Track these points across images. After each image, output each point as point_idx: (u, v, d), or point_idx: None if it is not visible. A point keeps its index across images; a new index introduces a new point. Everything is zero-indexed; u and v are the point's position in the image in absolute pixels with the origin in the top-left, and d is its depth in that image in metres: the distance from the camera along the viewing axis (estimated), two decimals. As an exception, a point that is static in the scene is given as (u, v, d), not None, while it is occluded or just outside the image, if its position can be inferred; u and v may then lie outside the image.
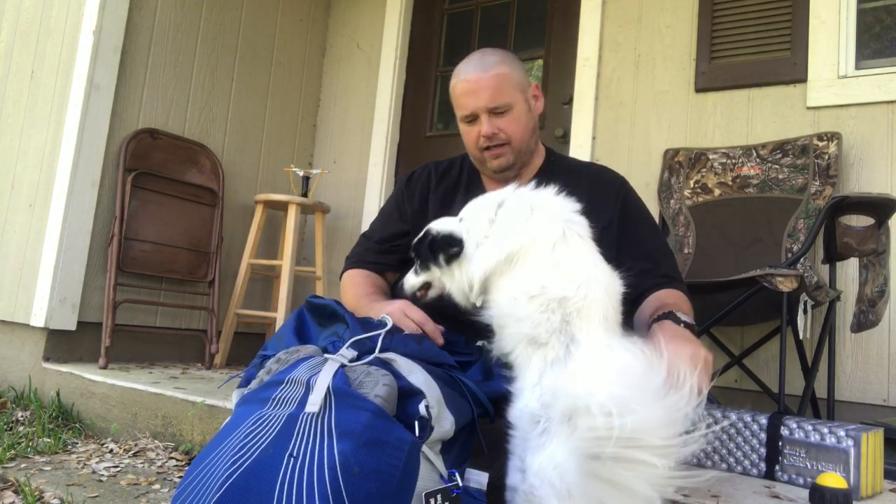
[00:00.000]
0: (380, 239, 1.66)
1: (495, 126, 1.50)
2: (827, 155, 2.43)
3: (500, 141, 1.51)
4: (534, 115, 1.58)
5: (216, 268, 3.20)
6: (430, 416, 0.98)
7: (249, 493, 0.84)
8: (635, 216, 1.57)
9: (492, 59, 1.52)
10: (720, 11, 2.82)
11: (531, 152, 1.61)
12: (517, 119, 1.51)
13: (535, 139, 1.61)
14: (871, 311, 2.02)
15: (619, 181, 1.62)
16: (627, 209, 1.56)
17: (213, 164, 3.27)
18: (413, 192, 1.66)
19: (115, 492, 1.69)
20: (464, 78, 1.52)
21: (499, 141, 1.51)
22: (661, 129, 2.90)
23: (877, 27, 2.61)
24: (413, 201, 1.63)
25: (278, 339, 1.23)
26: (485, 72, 1.49)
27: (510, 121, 1.51)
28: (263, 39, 3.60)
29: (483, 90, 1.49)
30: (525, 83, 1.56)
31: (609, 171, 1.66)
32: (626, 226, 1.53)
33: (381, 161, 3.60)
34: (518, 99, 1.52)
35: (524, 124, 1.53)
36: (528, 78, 1.58)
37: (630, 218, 1.55)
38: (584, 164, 1.75)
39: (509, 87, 1.50)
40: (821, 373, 2.24)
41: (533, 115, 1.57)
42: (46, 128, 2.95)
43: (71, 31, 2.95)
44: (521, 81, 1.54)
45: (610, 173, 1.65)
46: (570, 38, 3.22)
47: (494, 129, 1.50)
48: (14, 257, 2.93)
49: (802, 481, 1.61)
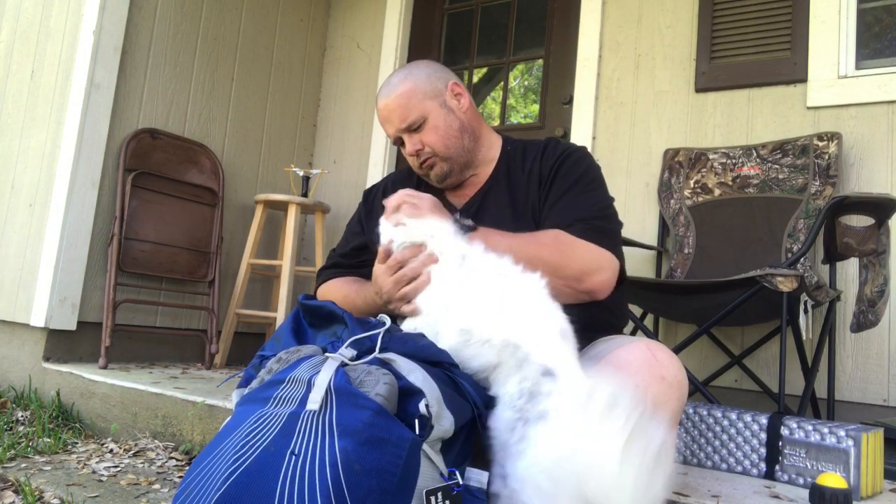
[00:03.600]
0: (345, 253, 1.66)
1: (417, 142, 1.49)
2: (827, 155, 2.43)
3: (427, 155, 1.51)
4: (458, 116, 1.53)
5: (216, 268, 3.20)
6: (431, 415, 0.98)
7: (251, 490, 0.84)
8: (566, 174, 1.48)
9: (395, 79, 1.52)
10: (720, 11, 2.82)
11: (468, 151, 1.54)
12: (435, 128, 1.49)
13: (470, 136, 1.54)
14: (871, 311, 2.03)
15: (563, 147, 1.54)
16: (559, 171, 1.48)
17: (213, 164, 3.27)
18: (371, 207, 1.65)
19: (115, 492, 1.69)
20: (378, 108, 1.54)
21: (426, 155, 1.51)
22: (661, 129, 2.90)
23: (877, 27, 2.61)
24: (371, 217, 1.59)
25: (276, 340, 1.23)
26: (389, 96, 1.50)
27: (427, 132, 1.49)
28: (263, 39, 3.60)
29: (392, 113, 1.50)
30: (437, 88, 1.52)
31: (556, 141, 1.58)
32: (553, 186, 1.47)
33: (381, 161, 3.60)
34: (429, 107, 1.50)
35: (444, 130, 1.50)
36: (443, 81, 1.54)
37: (560, 177, 1.48)
38: (538, 141, 1.63)
39: (416, 101, 1.49)
40: (821, 373, 2.24)
41: (457, 116, 1.53)
42: (46, 128, 2.95)
43: (71, 31, 2.95)
44: (431, 89, 1.52)
45: (558, 142, 1.57)
46: (570, 38, 3.22)
47: (417, 146, 1.50)
48: (14, 257, 2.93)
49: (802, 481, 1.61)
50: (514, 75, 3.59)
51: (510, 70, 3.56)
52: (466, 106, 1.55)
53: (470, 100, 1.57)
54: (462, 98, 1.55)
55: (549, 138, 1.61)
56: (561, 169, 1.48)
